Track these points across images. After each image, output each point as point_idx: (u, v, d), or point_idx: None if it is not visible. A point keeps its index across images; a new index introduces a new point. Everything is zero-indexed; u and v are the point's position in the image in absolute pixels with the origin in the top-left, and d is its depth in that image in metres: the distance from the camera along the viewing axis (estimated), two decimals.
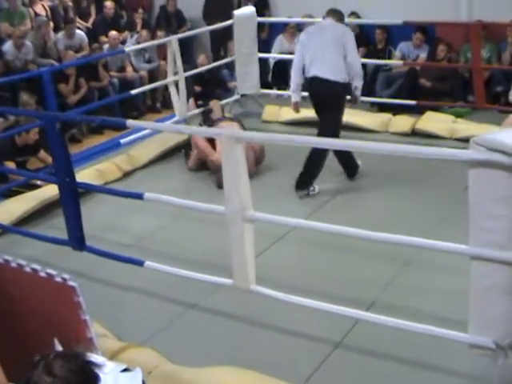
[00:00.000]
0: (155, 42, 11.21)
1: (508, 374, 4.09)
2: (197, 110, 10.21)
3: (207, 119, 9.26)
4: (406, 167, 7.44)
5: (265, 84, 11.04)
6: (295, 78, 7.74)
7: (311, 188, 7.61)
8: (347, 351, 4.87)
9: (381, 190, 7.58)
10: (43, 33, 11.36)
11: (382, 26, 11.30)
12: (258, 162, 8.30)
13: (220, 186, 6.15)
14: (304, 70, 7.62)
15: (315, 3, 11.77)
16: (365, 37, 11.78)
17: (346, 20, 8.52)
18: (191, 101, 10.72)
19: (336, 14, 7.82)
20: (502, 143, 3.70)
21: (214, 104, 9.57)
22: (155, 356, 4.71)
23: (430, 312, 5.04)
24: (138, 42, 11.90)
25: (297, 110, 8.04)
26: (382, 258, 5.84)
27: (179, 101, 9.70)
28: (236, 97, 10.70)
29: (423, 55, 11.04)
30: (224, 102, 10.34)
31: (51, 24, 11.91)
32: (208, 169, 8.41)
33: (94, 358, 2.55)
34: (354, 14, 11.61)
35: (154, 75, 11.86)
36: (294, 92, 7.85)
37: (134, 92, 9.99)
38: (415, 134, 9.37)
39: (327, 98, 7.54)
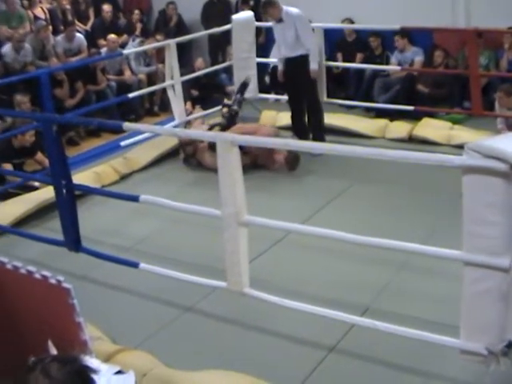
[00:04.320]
0: (153, 45, 11.23)
1: (500, 380, 4.11)
2: (196, 114, 10.23)
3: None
4: (401, 173, 7.46)
5: (263, 89, 11.06)
6: None
7: None
8: (341, 356, 4.89)
9: (376, 196, 7.60)
10: (42, 36, 11.39)
11: (376, 32, 11.31)
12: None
13: None
14: None
15: (312, 8, 11.81)
16: (362, 43, 11.81)
17: (341, 25, 10.59)
18: (188, 104, 10.74)
19: None
20: (496, 149, 3.72)
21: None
22: (150, 359, 4.73)
23: (423, 317, 5.05)
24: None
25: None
26: (376, 263, 5.86)
27: (178, 104, 9.72)
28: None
29: (418, 59, 11.03)
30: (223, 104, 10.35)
31: (50, 27, 11.93)
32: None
33: (90, 362, 2.57)
34: (347, 20, 11.67)
35: (152, 79, 11.88)
36: None
37: (131, 95, 10.01)
38: (412, 140, 9.38)
39: None
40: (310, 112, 9.16)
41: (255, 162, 8.49)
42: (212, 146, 8.39)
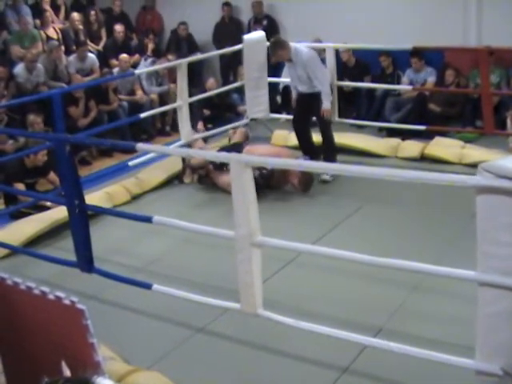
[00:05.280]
0: (165, 64, 11.26)
1: None
2: (203, 134, 10.25)
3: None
4: (414, 193, 7.45)
5: (274, 108, 11.08)
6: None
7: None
8: (354, 377, 4.86)
9: (389, 216, 7.59)
10: (54, 56, 11.45)
11: (385, 51, 11.32)
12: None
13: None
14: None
15: (324, 28, 11.89)
16: (362, 66, 11.82)
17: (353, 45, 10.92)
18: (200, 124, 10.77)
19: None
20: (510, 169, 3.71)
21: (239, 131, 9.64)
22: (162, 380, 4.71)
23: (437, 338, 5.02)
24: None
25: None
26: (389, 284, 5.84)
27: (184, 125, 9.73)
28: (245, 121, 10.72)
29: (431, 79, 11.05)
30: (233, 125, 10.38)
31: (62, 47, 12.00)
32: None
33: (103, 382, 2.55)
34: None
35: (164, 99, 11.91)
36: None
37: (143, 115, 10.04)
38: (424, 158, 9.37)
39: None
40: (322, 134, 9.10)
41: (269, 183, 8.48)
42: (217, 167, 8.44)
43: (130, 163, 9.14)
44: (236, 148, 8.64)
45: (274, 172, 8.28)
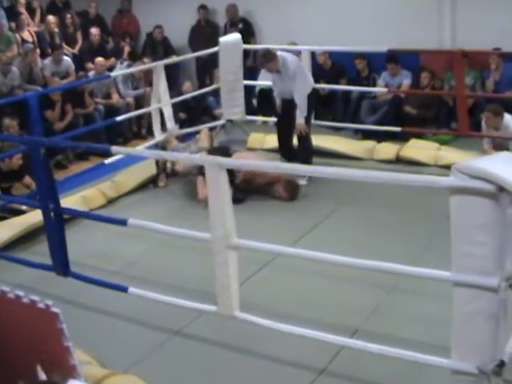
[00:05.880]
0: (141, 67, 11.24)
1: None
2: (176, 132, 10.22)
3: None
4: (390, 194, 7.46)
5: (250, 111, 11.09)
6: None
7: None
8: (332, 378, 4.87)
9: (365, 217, 7.61)
10: (30, 59, 11.40)
11: (361, 54, 11.36)
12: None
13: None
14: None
15: (299, 30, 11.92)
16: (339, 69, 11.84)
17: (328, 47, 10.98)
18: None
19: None
20: (483, 170, 3.74)
21: (203, 132, 9.61)
22: (139, 383, 4.70)
23: (413, 338, 5.05)
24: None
25: None
26: (366, 285, 5.86)
27: (158, 125, 9.75)
28: (222, 121, 10.72)
29: (406, 82, 11.11)
30: (208, 125, 10.37)
31: (37, 50, 11.95)
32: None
33: None
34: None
35: (140, 102, 11.88)
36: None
37: (119, 119, 10.02)
38: (399, 161, 9.42)
39: None
40: (299, 139, 9.10)
41: (248, 188, 8.46)
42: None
43: (106, 161, 9.10)
44: (223, 153, 8.67)
45: (252, 176, 8.25)
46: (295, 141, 9.22)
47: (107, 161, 9.10)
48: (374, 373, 4.78)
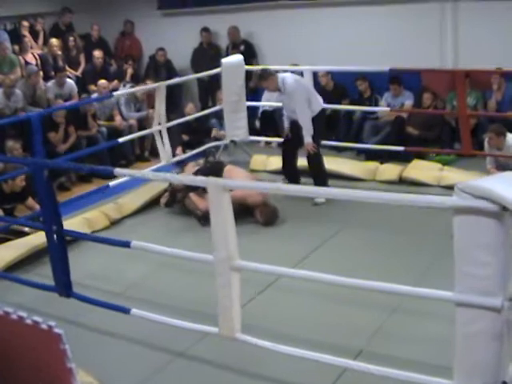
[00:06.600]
0: (143, 87, 11.27)
1: None
2: (183, 156, 10.26)
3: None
4: (393, 215, 7.48)
5: (253, 133, 11.13)
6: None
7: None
8: None
9: (368, 238, 7.60)
10: (33, 82, 11.44)
11: (362, 75, 11.40)
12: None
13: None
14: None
15: (301, 52, 11.96)
16: (341, 90, 11.88)
17: (331, 67, 11.14)
18: (179, 149, 10.78)
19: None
20: (486, 190, 3.73)
21: (188, 166, 9.56)
22: None
23: (416, 359, 5.03)
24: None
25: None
26: (368, 306, 5.84)
27: (164, 149, 9.75)
28: (225, 142, 10.75)
29: (408, 102, 11.14)
30: (212, 145, 10.39)
31: (41, 73, 11.99)
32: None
33: None
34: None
35: (143, 124, 11.90)
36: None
37: (121, 140, 10.04)
38: (402, 181, 9.42)
39: None
40: (308, 160, 9.10)
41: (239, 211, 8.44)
42: (191, 188, 8.40)
43: (111, 184, 9.10)
44: (216, 167, 8.68)
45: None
46: (300, 162, 9.21)
47: (111, 183, 9.09)
48: None
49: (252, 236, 7.64)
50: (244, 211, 8.09)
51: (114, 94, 10.85)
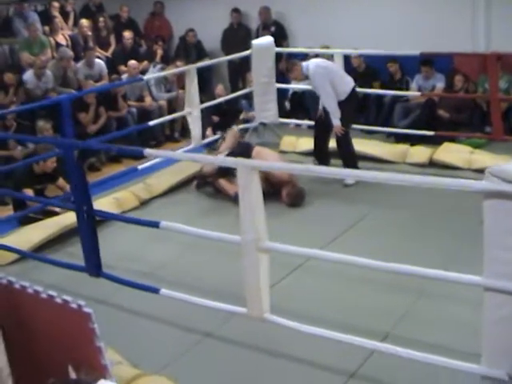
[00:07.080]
0: (174, 70, 11.29)
1: None
2: (212, 138, 10.28)
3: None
4: (422, 198, 7.45)
5: (283, 114, 11.11)
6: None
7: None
8: (361, 381, 4.86)
9: (397, 221, 7.57)
10: (65, 64, 11.49)
11: (393, 57, 11.32)
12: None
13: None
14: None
15: (332, 33, 11.90)
16: (372, 71, 11.83)
17: (361, 51, 10.98)
18: (209, 130, 10.79)
19: None
20: None
21: (230, 132, 9.54)
22: None
23: (443, 343, 5.01)
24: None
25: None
26: (396, 289, 5.84)
27: (196, 130, 9.77)
28: (254, 124, 10.74)
29: (440, 85, 11.04)
30: (241, 127, 10.38)
31: (72, 55, 12.04)
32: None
33: None
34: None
35: (173, 105, 11.93)
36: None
37: (151, 123, 10.08)
38: (433, 164, 9.35)
39: None
40: (337, 143, 9.06)
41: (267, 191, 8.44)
42: (221, 173, 8.43)
43: (140, 167, 9.15)
44: (245, 148, 8.66)
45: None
46: (331, 145, 9.18)
47: (140, 166, 9.13)
48: (404, 377, 4.76)
49: (281, 217, 7.64)
50: (270, 193, 8.09)
51: (144, 77, 10.83)
